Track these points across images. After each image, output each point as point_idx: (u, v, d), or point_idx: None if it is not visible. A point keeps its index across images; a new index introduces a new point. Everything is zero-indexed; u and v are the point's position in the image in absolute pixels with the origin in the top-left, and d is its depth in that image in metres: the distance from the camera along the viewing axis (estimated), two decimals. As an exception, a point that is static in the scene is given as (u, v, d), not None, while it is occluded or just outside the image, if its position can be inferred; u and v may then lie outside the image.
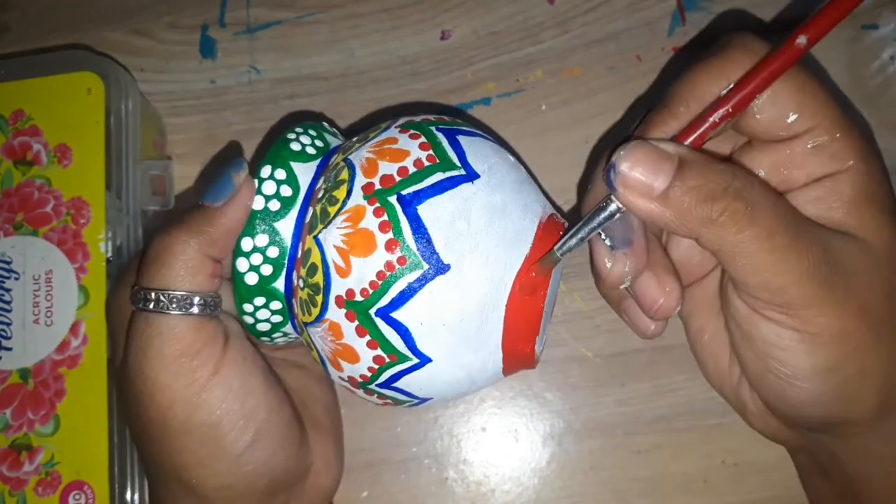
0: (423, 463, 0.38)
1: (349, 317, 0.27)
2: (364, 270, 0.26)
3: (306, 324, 0.28)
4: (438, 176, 0.27)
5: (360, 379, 0.28)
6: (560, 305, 0.39)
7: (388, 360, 0.27)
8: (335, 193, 0.27)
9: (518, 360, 0.29)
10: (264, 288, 0.29)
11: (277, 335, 0.30)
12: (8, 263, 0.36)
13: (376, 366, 0.27)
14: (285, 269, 0.28)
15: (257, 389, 0.29)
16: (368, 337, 0.27)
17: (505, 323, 0.27)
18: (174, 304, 0.27)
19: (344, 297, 0.27)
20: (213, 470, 0.28)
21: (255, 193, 0.28)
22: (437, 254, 0.26)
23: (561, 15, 0.41)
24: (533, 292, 0.27)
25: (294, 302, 0.29)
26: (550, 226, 0.28)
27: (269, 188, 0.28)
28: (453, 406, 0.39)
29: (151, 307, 0.27)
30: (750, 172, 0.27)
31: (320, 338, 0.28)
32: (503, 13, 0.41)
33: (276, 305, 0.29)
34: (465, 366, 0.28)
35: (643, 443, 0.38)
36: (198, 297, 0.27)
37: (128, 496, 0.34)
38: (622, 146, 0.25)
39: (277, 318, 0.29)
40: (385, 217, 0.26)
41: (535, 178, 0.37)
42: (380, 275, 0.26)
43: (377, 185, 0.27)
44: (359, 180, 0.27)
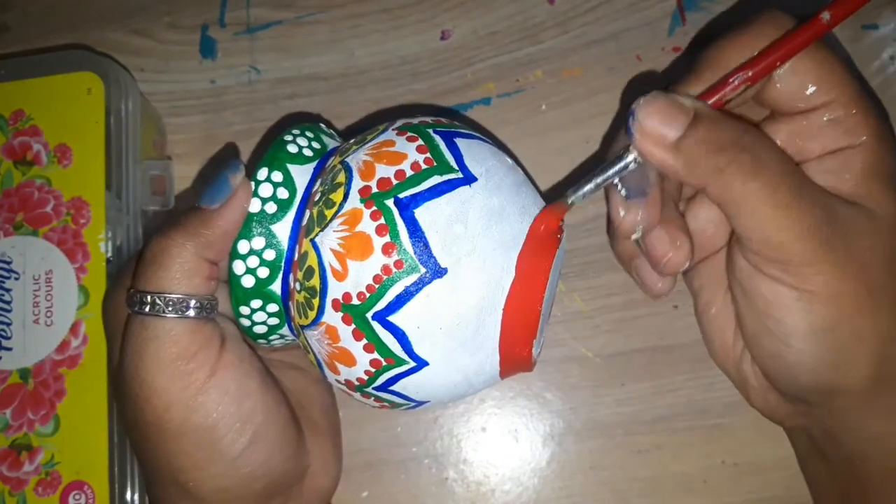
0: (423, 463, 0.38)
1: (346, 320, 0.27)
2: (361, 274, 0.26)
3: (303, 326, 0.28)
4: (436, 179, 0.27)
5: (357, 382, 0.28)
6: (560, 305, 0.39)
7: (385, 364, 0.27)
8: (332, 196, 0.27)
9: (515, 364, 0.29)
10: (261, 290, 0.28)
11: (274, 337, 0.30)
12: (8, 263, 0.36)
13: (373, 369, 0.27)
14: (282, 272, 0.28)
15: (254, 392, 0.29)
16: (365, 340, 0.27)
17: (502, 326, 0.27)
18: (170, 307, 0.27)
19: (340, 301, 0.27)
20: (210, 472, 0.28)
21: (252, 196, 0.28)
22: (435, 257, 0.26)
23: (561, 15, 0.41)
24: (531, 276, 0.27)
25: (291, 304, 0.29)
26: (544, 217, 0.28)
27: (266, 190, 0.28)
28: (453, 406, 0.39)
29: (147, 310, 0.27)
30: (761, 132, 0.28)
31: (317, 341, 0.28)
32: (503, 13, 0.41)
33: (273, 308, 0.29)
34: (462, 369, 0.28)
35: (643, 443, 0.38)
36: (194, 300, 0.27)
37: (128, 496, 0.34)
38: (644, 96, 0.26)
39: (274, 321, 0.29)
40: (382, 220, 0.26)
41: (535, 179, 0.38)
42: (377, 278, 0.26)
43: (374, 189, 0.27)
44: (356, 183, 0.27)
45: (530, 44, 0.41)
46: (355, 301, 0.26)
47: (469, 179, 0.27)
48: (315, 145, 0.30)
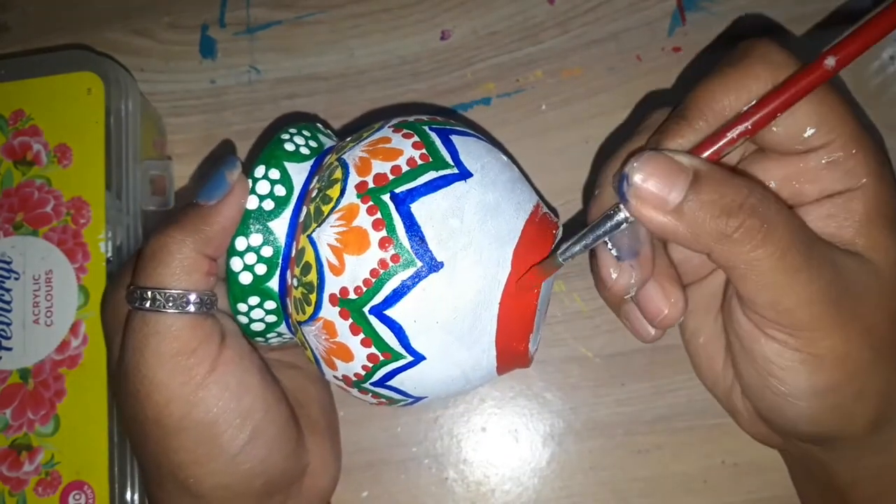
0: (423, 463, 0.38)
1: (343, 315, 0.27)
2: (358, 268, 0.26)
3: (300, 323, 0.28)
4: (431, 174, 0.27)
5: (355, 378, 0.28)
6: (560, 305, 0.39)
7: (382, 359, 0.27)
8: (329, 192, 0.27)
9: (512, 358, 0.29)
10: (258, 287, 0.29)
11: (272, 335, 0.30)
12: (8, 263, 0.36)
13: (370, 364, 0.27)
14: (279, 269, 0.29)
15: (254, 388, 0.29)
16: (362, 335, 0.27)
17: (498, 320, 0.27)
18: (170, 303, 0.27)
19: (338, 296, 0.27)
20: (210, 469, 0.28)
21: (249, 193, 0.28)
22: (431, 251, 0.26)
23: (561, 15, 0.41)
24: (528, 291, 0.27)
25: (288, 301, 0.29)
26: (541, 223, 0.28)
27: (263, 188, 0.28)
28: (453, 406, 0.39)
29: (148, 306, 0.27)
30: (766, 188, 0.26)
31: (314, 336, 0.28)
32: (503, 13, 0.41)
33: (271, 305, 0.29)
34: (459, 364, 0.28)
35: (643, 443, 0.38)
36: (194, 296, 0.27)
37: (128, 496, 0.34)
38: (635, 156, 0.24)
39: (272, 318, 0.29)
40: (378, 215, 0.26)
41: (535, 179, 0.38)
42: (373, 273, 0.26)
43: (371, 184, 0.27)
44: (352, 179, 0.27)
45: (530, 44, 0.41)
46: (352, 295, 0.27)
47: (465, 175, 0.27)
48: (312, 143, 0.30)
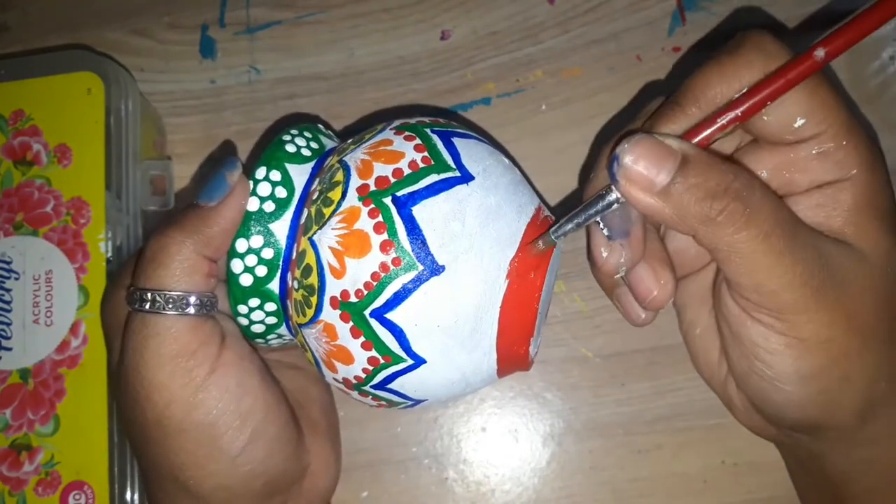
0: (423, 463, 0.38)
1: (344, 318, 0.27)
2: (359, 271, 0.26)
3: (301, 325, 0.28)
4: (433, 177, 0.27)
5: (355, 380, 0.28)
6: (560, 305, 0.39)
7: (383, 362, 0.27)
8: (330, 195, 0.27)
9: (512, 362, 0.29)
10: (259, 289, 0.29)
11: (272, 337, 0.30)
12: (8, 263, 0.36)
13: (371, 367, 0.27)
14: (280, 271, 0.28)
15: (254, 389, 0.29)
16: (363, 338, 0.27)
17: (499, 324, 0.27)
18: (170, 305, 0.27)
19: (339, 299, 0.27)
20: (210, 470, 0.28)
21: (250, 194, 0.28)
22: (432, 255, 0.26)
23: (561, 15, 0.41)
24: (528, 275, 0.27)
25: (289, 303, 0.29)
26: (543, 226, 0.28)
27: (264, 189, 0.28)
28: (453, 406, 0.39)
29: (147, 307, 0.27)
30: (752, 174, 0.27)
31: (315, 339, 0.28)
32: (503, 13, 0.41)
33: (271, 307, 0.29)
34: (460, 367, 0.28)
35: (643, 443, 0.38)
36: (194, 297, 0.27)
37: (128, 496, 0.34)
38: (627, 138, 0.25)
39: (272, 320, 0.29)
40: (380, 218, 0.26)
41: (535, 179, 0.38)
42: (374, 276, 0.26)
43: (372, 187, 0.27)
44: (354, 181, 0.27)
45: (530, 44, 0.41)
46: (353, 298, 0.26)
47: (466, 178, 0.27)
48: (313, 145, 0.30)
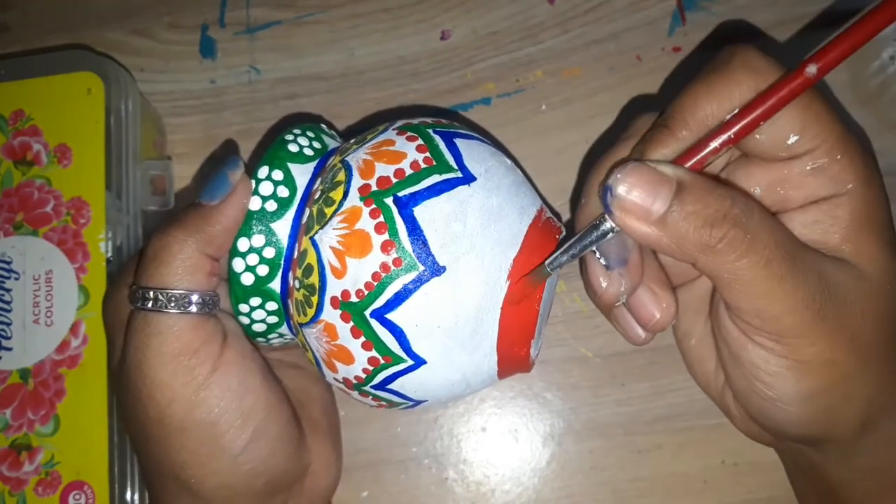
0: (423, 463, 0.38)
1: (344, 318, 0.27)
2: (360, 271, 0.26)
3: (301, 325, 0.28)
4: (435, 178, 0.27)
5: (355, 380, 0.28)
6: (560, 305, 0.39)
7: (383, 362, 0.27)
8: (332, 195, 0.27)
9: (513, 364, 0.29)
10: (260, 288, 0.29)
11: (273, 336, 0.30)
12: (8, 263, 0.36)
13: (371, 367, 0.27)
14: (281, 270, 0.28)
15: (256, 388, 0.29)
16: (363, 338, 0.27)
17: (500, 326, 0.27)
18: (172, 303, 0.27)
19: (339, 298, 0.27)
20: (212, 468, 0.28)
21: (252, 193, 0.28)
22: (433, 255, 0.26)
23: (561, 15, 0.41)
24: (521, 301, 0.27)
25: (290, 303, 0.29)
26: (545, 227, 0.28)
27: (266, 189, 0.28)
28: (453, 406, 0.39)
29: (150, 306, 0.27)
30: (749, 197, 0.26)
31: (315, 339, 0.28)
32: (503, 13, 0.41)
33: (272, 306, 0.29)
34: (460, 368, 0.28)
35: (643, 443, 0.38)
36: (196, 296, 0.27)
37: (128, 496, 0.34)
38: (619, 167, 0.24)
39: (273, 319, 0.29)
40: (381, 218, 0.26)
41: (535, 179, 0.38)
42: (375, 276, 0.26)
43: (374, 187, 0.27)
44: (355, 181, 0.27)
45: (530, 44, 0.41)
46: (354, 298, 0.26)
47: (468, 179, 0.27)
48: (316, 145, 0.30)
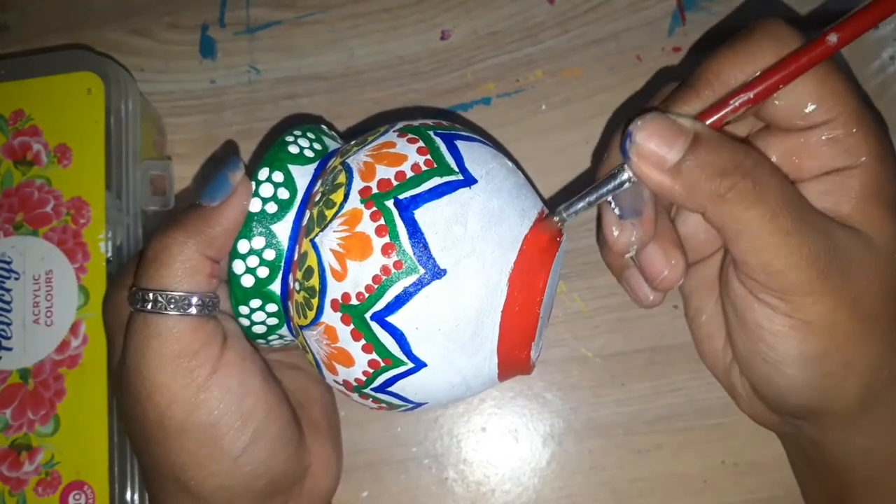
0: (423, 463, 0.38)
1: (344, 321, 0.27)
2: (360, 274, 0.26)
3: (302, 327, 0.28)
4: (436, 181, 0.27)
5: (355, 383, 0.28)
6: (560, 305, 0.39)
7: (383, 365, 0.27)
8: (332, 197, 0.27)
9: (513, 366, 0.29)
10: (260, 290, 0.29)
11: (273, 337, 0.30)
12: (8, 263, 0.36)
13: (371, 370, 0.27)
14: (281, 272, 0.28)
15: (255, 390, 0.29)
16: (363, 341, 0.27)
17: (500, 329, 0.27)
18: (172, 305, 0.27)
19: (339, 301, 0.27)
20: (212, 470, 0.28)
21: (252, 195, 0.28)
22: (434, 258, 0.26)
23: (561, 15, 0.41)
24: (530, 279, 0.27)
25: (290, 305, 0.29)
26: (546, 230, 0.28)
27: (267, 190, 0.28)
28: (453, 406, 0.39)
29: (150, 308, 0.27)
30: (762, 155, 0.27)
31: (315, 341, 0.28)
32: (503, 13, 0.41)
33: (272, 308, 0.29)
34: (461, 371, 0.28)
35: (643, 443, 0.38)
36: (196, 298, 0.27)
37: (128, 496, 0.34)
38: (640, 116, 0.25)
39: (273, 321, 0.29)
40: (382, 221, 0.26)
41: (535, 179, 0.38)
42: (376, 279, 0.26)
43: (374, 189, 0.27)
44: (356, 184, 0.27)
45: (530, 44, 0.41)
46: (354, 301, 0.26)
47: (469, 181, 0.27)
48: (316, 146, 0.30)
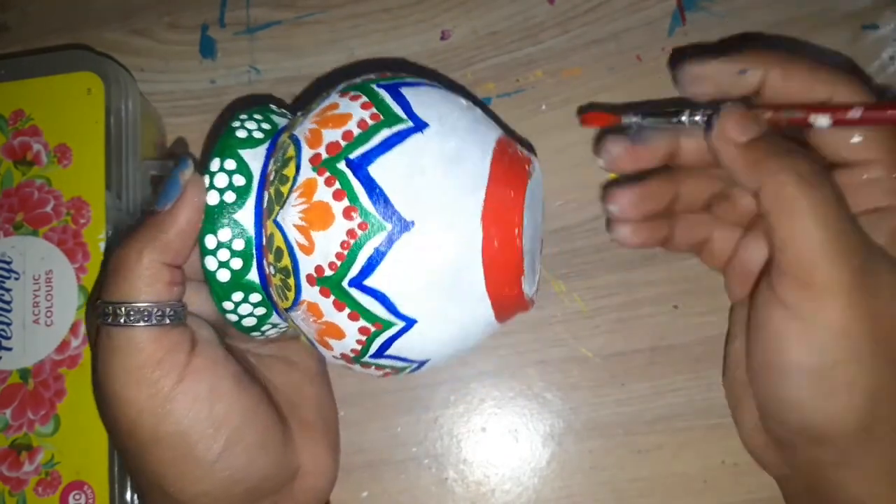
0: (423, 463, 0.38)
1: (324, 293, 0.26)
2: (327, 244, 0.26)
3: (287, 309, 0.28)
4: (385, 133, 0.26)
5: (352, 354, 0.28)
6: (560, 305, 0.39)
7: (374, 330, 0.27)
8: (285, 172, 0.27)
9: (509, 304, 0.28)
10: (239, 282, 0.28)
11: (266, 327, 0.30)
12: (8, 263, 0.36)
13: (363, 337, 0.27)
14: (255, 259, 0.28)
15: (227, 395, 0.28)
16: (348, 310, 0.26)
17: (484, 269, 0.26)
18: (133, 316, 0.27)
19: (314, 275, 0.26)
20: (189, 478, 0.28)
21: (209, 188, 0.28)
22: (398, 212, 0.25)
23: (561, 15, 0.41)
24: (503, 213, 0.26)
25: (271, 290, 0.28)
26: (511, 158, 0.28)
27: (221, 180, 0.28)
28: (453, 406, 0.39)
29: (110, 321, 0.27)
30: (819, 158, 0.29)
31: (303, 321, 0.28)
32: (503, 13, 0.41)
33: (256, 297, 0.29)
34: (455, 320, 0.27)
35: (643, 443, 0.38)
36: (156, 308, 0.27)
37: (128, 496, 0.34)
38: (730, 103, 0.29)
39: (261, 311, 0.29)
40: (337, 185, 0.26)
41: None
42: (344, 245, 0.26)
43: (324, 155, 0.26)
44: (305, 153, 0.27)
45: (530, 44, 0.41)
46: (328, 272, 0.26)
47: (420, 126, 0.27)
48: (265, 126, 0.30)
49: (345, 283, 0.26)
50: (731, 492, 0.37)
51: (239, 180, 0.28)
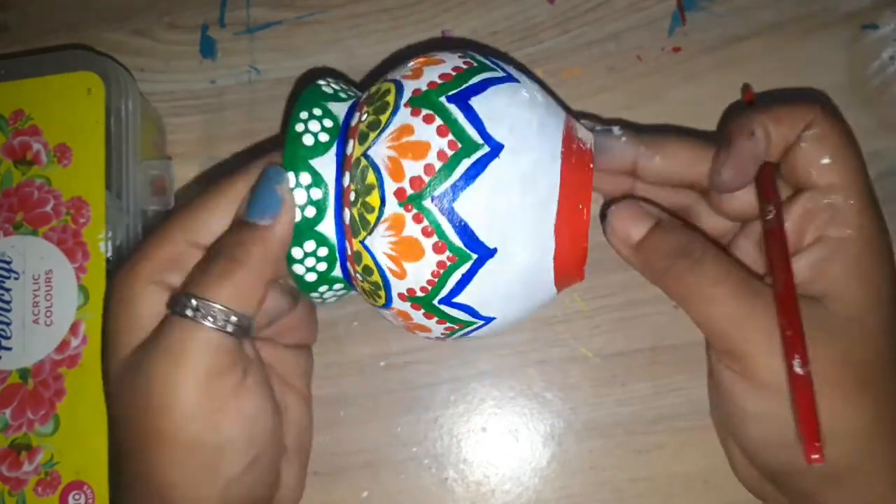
0: (423, 463, 0.38)
1: (415, 308, 0.29)
2: (418, 272, 0.28)
3: (378, 306, 0.30)
4: (465, 163, 0.27)
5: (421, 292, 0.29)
6: (560, 305, 0.39)
7: (457, 328, 0.30)
8: (368, 200, 0.27)
9: (569, 283, 0.31)
10: (326, 278, 0.30)
11: (328, 294, 0.31)
12: (8, 263, 0.36)
13: (447, 332, 0.30)
14: (339, 263, 0.30)
15: (265, 416, 0.29)
16: (436, 318, 0.29)
17: (555, 269, 0.29)
18: (219, 321, 0.27)
19: (405, 294, 0.28)
20: (203, 490, 0.27)
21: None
22: (483, 242, 0.27)
23: (561, 15, 0.41)
24: (580, 186, 0.28)
25: (354, 285, 0.30)
26: (577, 159, 0.29)
27: (301, 197, 0.29)
28: (453, 406, 0.39)
29: (193, 316, 0.27)
30: (708, 240, 0.31)
31: (391, 317, 0.30)
32: (503, 13, 0.41)
33: (323, 252, 0.30)
34: (526, 310, 0.30)
35: (643, 443, 0.38)
36: (245, 320, 0.27)
37: (127, 496, 0.34)
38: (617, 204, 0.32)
39: (323, 266, 0.30)
40: (426, 223, 0.27)
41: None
42: (434, 273, 0.28)
43: (409, 190, 0.27)
44: (388, 185, 0.27)
45: (530, 44, 0.41)
46: (419, 294, 0.28)
47: (496, 150, 0.27)
48: (327, 123, 0.29)
49: (435, 302, 0.28)
50: (732, 492, 0.37)
51: (316, 194, 0.29)
